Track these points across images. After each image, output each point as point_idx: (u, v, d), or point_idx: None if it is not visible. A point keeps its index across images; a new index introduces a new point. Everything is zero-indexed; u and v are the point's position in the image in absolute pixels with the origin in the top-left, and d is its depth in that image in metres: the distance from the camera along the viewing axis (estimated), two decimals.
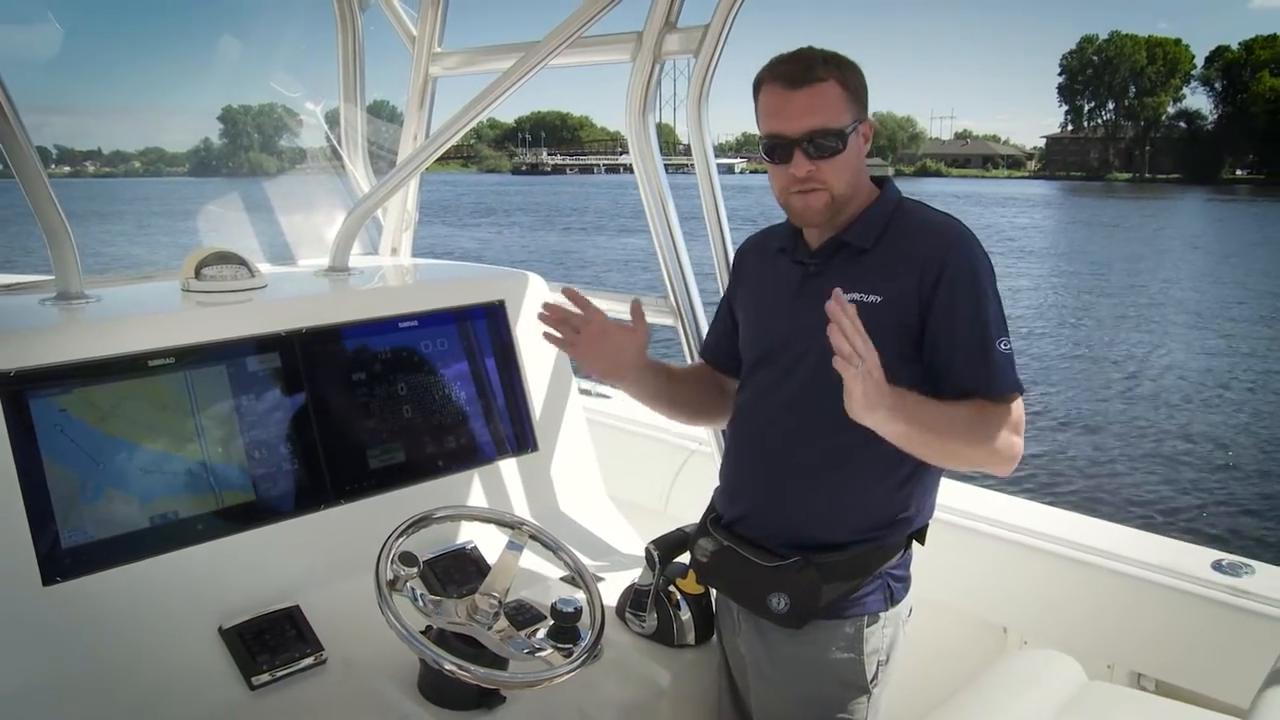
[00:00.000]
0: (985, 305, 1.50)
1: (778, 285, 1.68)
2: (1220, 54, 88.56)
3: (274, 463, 1.90)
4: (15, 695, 1.51)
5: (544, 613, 1.78)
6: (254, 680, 1.64)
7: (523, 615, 1.79)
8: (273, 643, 1.69)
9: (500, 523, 1.82)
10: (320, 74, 2.99)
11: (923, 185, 71.69)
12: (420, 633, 1.53)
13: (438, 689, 1.62)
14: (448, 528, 1.99)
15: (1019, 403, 1.52)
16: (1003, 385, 1.49)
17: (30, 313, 1.92)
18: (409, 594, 1.57)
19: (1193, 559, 2.01)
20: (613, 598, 1.91)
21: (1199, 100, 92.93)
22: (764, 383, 1.68)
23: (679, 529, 1.92)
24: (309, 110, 3.06)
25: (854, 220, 1.60)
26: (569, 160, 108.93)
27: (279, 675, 1.66)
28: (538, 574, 1.96)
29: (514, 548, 1.74)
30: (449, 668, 1.48)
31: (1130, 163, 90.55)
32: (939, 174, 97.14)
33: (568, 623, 1.62)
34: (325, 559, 1.87)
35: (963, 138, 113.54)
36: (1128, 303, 19.75)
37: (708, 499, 1.81)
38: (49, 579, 1.59)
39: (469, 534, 2.02)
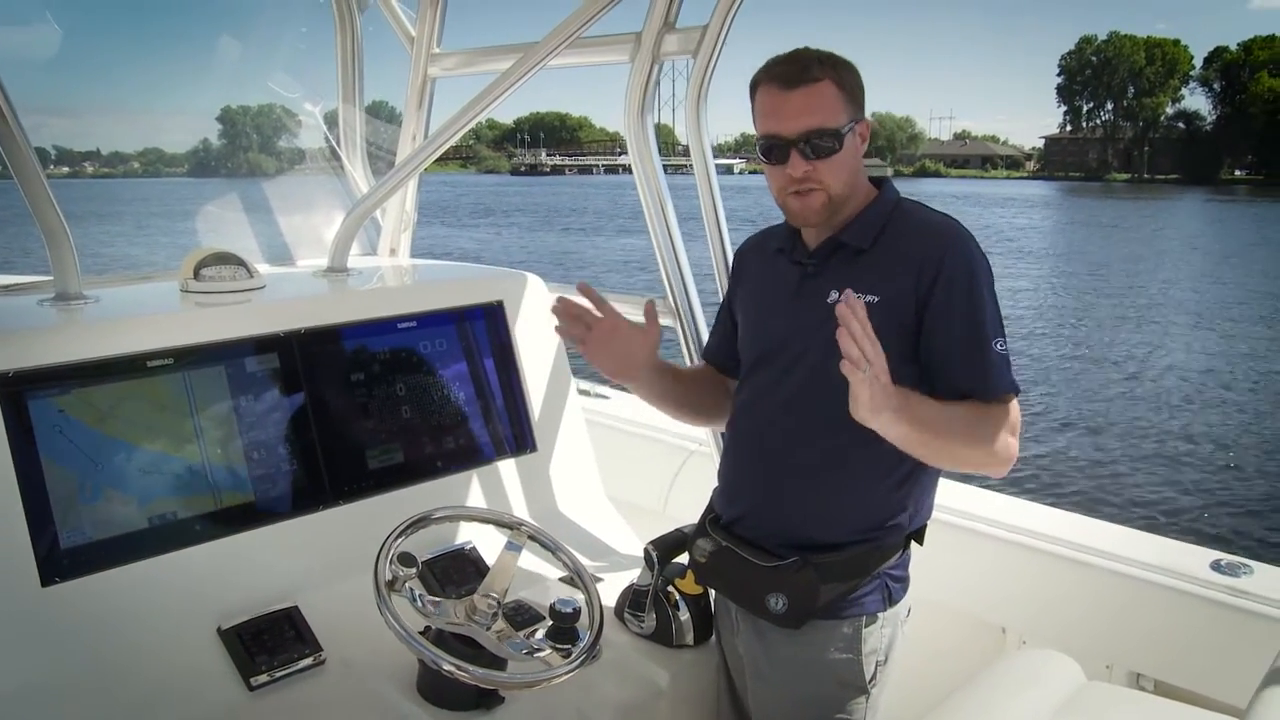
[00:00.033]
0: (982, 306, 1.50)
1: (776, 286, 1.68)
2: (1219, 55, 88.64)
3: (273, 463, 1.90)
4: (14, 695, 1.51)
5: (543, 613, 1.77)
6: (253, 681, 1.64)
7: (521, 616, 1.79)
8: (271, 643, 1.69)
9: (499, 523, 1.81)
10: (319, 74, 2.99)
11: (921, 186, 71.71)
12: (419, 633, 1.53)
13: (436, 689, 1.62)
14: (446, 528, 1.99)
15: (1015, 404, 1.52)
16: (999, 386, 1.49)
17: (29, 313, 1.92)
18: (408, 594, 1.57)
19: (1191, 559, 2.01)
20: (611, 598, 1.91)
21: (1198, 101, 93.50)
22: (762, 383, 1.68)
23: (677, 529, 1.92)
24: (308, 111, 3.05)
25: (851, 220, 1.60)
26: (568, 161, 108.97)
27: (278, 676, 1.66)
28: (536, 574, 1.96)
29: (513, 548, 1.74)
30: (447, 668, 1.48)
31: (1129, 163, 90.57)
32: (938, 174, 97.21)
33: (566, 623, 1.61)
34: (324, 560, 1.87)
35: (961, 138, 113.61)
36: (1127, 303, 19.72)
37: (706, 499, 1.81)
38: (48, 580, 1.59)
39: (468, 534, 2.02)
